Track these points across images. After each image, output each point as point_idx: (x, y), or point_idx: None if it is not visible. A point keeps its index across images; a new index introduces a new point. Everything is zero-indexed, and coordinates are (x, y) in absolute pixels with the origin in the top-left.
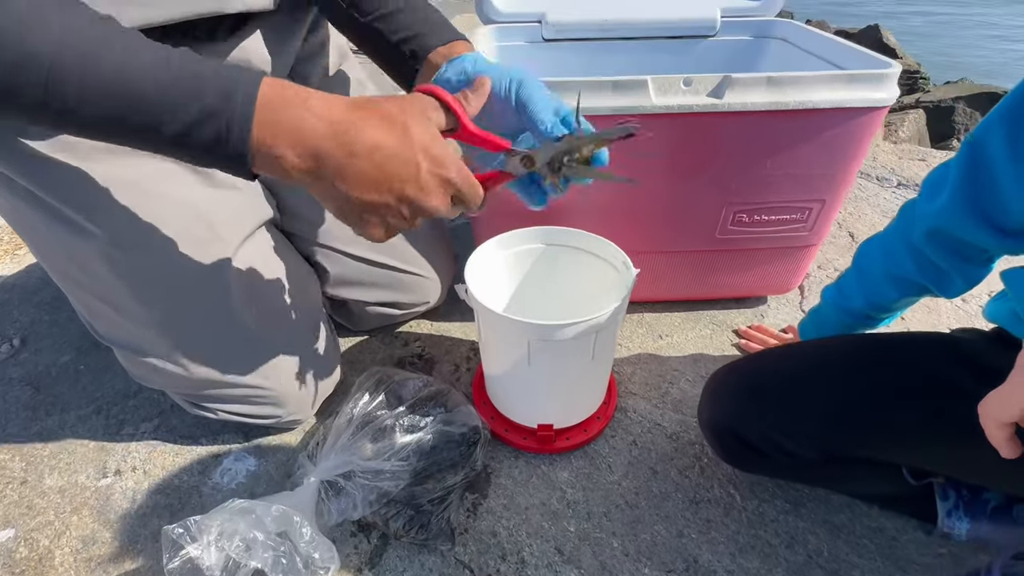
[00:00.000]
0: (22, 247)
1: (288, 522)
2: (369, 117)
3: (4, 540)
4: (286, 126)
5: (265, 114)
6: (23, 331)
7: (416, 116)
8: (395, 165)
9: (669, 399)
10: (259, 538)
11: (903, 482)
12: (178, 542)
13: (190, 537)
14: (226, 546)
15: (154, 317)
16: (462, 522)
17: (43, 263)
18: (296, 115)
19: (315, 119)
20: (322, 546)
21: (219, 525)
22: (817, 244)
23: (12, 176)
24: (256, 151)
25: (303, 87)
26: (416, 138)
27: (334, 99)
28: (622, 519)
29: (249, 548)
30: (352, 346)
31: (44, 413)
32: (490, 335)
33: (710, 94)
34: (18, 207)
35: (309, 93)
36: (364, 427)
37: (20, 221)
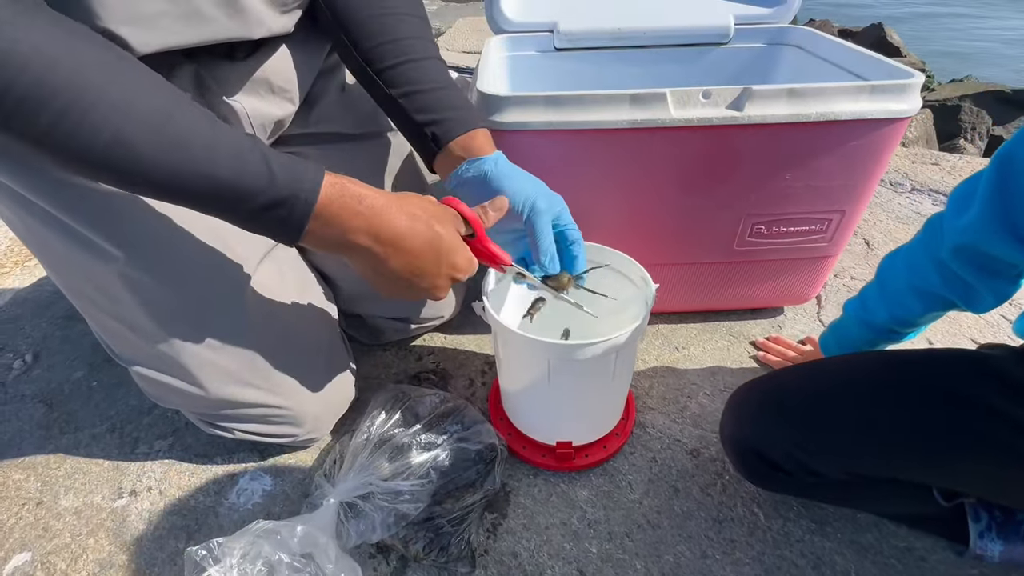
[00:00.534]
0: (32, 259)
1: (313, 543)
2: (413, 226)
3: (21, 564)
4: (338, 223)
5: (323, 209)
6: (35, 346)
7: (448, 227)
8: (424, 267)
9: (688, 414)
10: (284, 559)
11: (933, 503)
12: (200, 564)
13: (212, 559)
14: (248, 570)
15: (171, 339)
16: (482, 543)
17: (58, 283)
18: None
19: (365, 223)
20: (348, 567)
21: (242, 547)
22: (836, 255)
23: (30, 197)
24: (308, 234)
25: (358, 185)
26: (444, 253)
27: (386, 204)
28: (644, 539)
29: (273, 572)
30: (367, 361)
31: (58, 431)
32: (508, 353)
33: (730, 106)
34: (33, 227)
35: (363, 194)
36: (381, 446)
37: (35, 241)
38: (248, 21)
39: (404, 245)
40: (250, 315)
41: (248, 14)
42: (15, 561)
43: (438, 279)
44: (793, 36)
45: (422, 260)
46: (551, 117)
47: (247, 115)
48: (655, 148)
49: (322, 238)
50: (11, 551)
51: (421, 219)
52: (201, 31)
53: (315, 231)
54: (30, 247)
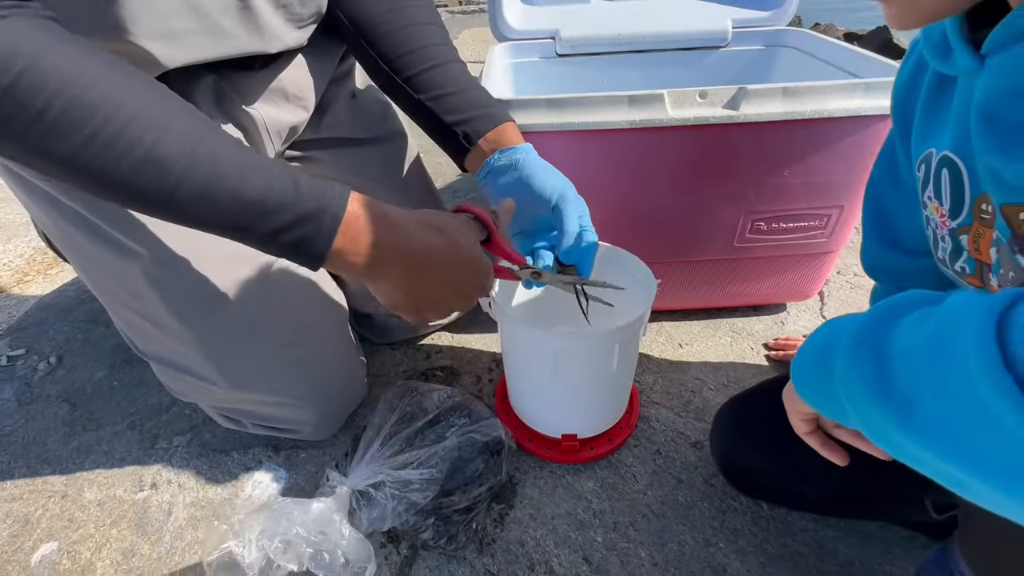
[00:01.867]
0: (53, 267)
1: (328, 521)
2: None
3: (48, 553)
4: (365, 238)
5: (350, 225)
6: (59, 349)
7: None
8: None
9: (692, 408)
10: (301, 534)
11: (925, 514)
12: (222, 538)
13: (232, 533)
14: (266, 545)
15: (192, 334)
16: (490, 532)
17: (86, 280)
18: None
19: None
20: (361, 546)
21: (261, 524)
22: (837, 250)
23: (62, 198)
24: (335, 253)
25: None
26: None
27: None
28: (649, 529)
29: (288, 548)
30: (376, 359)
31: (81, 428)
32: (514, 346)
33: (726, 106)
34: (65, 228)
35: (389, 210)
36: (392, 438)
37: (67, 241)
38: (265, 37)
39: (433, 257)
40: (267, 313)
41: (266, 30)
42: (43, 550)
43: (467, 291)
44: (790, 38)
45: (451, 273)
46: (553, 119)
47: (264, 122)
48: (654, 148)
49: (350, 255)
50: (39, 540)
51: (445, 232)
52: (223, 46)
53: (343, 248)
54: (63, 248)
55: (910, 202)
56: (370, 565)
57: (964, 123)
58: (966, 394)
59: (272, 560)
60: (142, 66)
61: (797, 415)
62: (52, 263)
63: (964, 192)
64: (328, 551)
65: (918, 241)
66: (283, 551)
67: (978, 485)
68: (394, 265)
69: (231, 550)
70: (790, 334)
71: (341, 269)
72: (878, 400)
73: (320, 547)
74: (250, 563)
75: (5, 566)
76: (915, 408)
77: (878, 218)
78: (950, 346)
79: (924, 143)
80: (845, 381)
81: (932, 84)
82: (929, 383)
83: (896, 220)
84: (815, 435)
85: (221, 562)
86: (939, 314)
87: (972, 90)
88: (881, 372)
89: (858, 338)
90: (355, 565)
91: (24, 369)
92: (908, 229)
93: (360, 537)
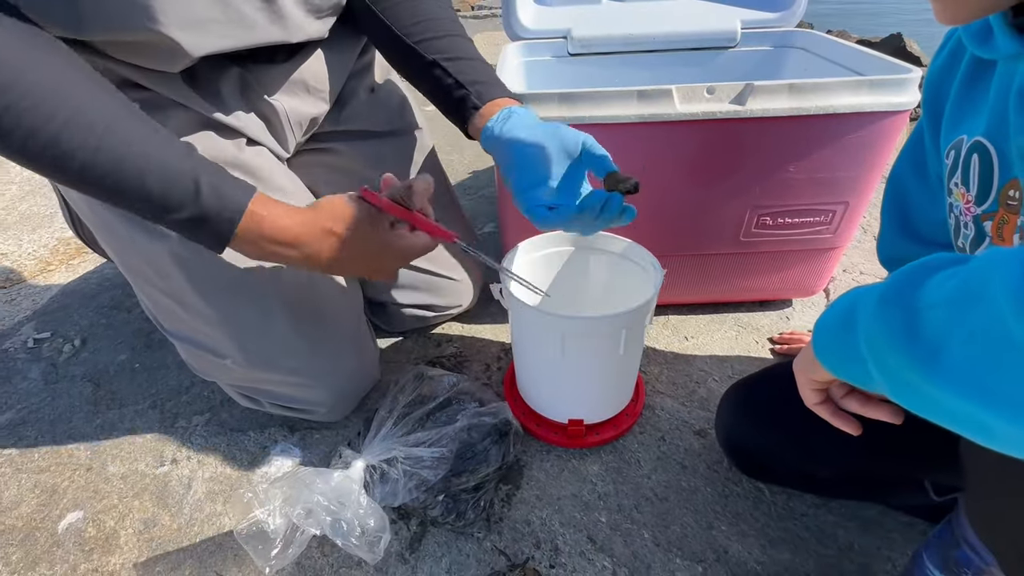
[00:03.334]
0: (76, 257)
1: (347, 491)
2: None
3: (75, 521)
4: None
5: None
6: (83, 333)
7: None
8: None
9: (696, 398)
10: (321, 502)
11: (926, 497)
12: (248, 505)
13: (258, 502)
14: (289, 512)
15: (216, 315)
16: (497, 511)
17: (118, 261)
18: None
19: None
20: (376, 515)
21: (284, 492)
22: (842, 246)
23: None
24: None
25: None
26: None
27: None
28: (652, 511)
29: (310, 514)
30: (388, 347)
31: (105, 407)
32: (523, 331)
33: (733, 101)
34: (100, 212)
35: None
36: (404, 418)
37: (101, 223)
38: (288, 27)
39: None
40: (288, 296)
41: (288, 20)
42: (69, 518)
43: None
44: (799, 39)
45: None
46: (564, 113)
47: (285, 113)
48: (662, 142)
49: (248, 253)
50: (65, 509)
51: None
52: (246, 36)
53: (241, 249)
54: (95, 229)
55: (933, 193)
56: (384, 535)
57: (1001, 107)
58: (997, 335)
59: (297, 526)
60: (169, 55)
61: (809, 384)
62: (75, 253)
63: (993, 178)
64: (346, 520)
65: (938, 231)
66: (304, 518)
67: (1003, 426)
68: (295, 262)
69: (257, 518)
70: (795, 329)
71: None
72: (905, 350)
73: (338, 516)
74: (275, 529)
75: (34, 532)
76: (943, 354)
77: (899, 209)
78: (981, 292)
79: (955, 130)
80: (870, 337)
81: (968, 71)
82: (959, 329)
83: (917, 211)
84: (826, 405)
85: (250, 531)
86: (969, 267)
87: (1013, 74)
88: (909, 323)
89: (885, 296)
90: (371, 534)
91: (50, 351)
92: (929, 220)
93: (376, 507)
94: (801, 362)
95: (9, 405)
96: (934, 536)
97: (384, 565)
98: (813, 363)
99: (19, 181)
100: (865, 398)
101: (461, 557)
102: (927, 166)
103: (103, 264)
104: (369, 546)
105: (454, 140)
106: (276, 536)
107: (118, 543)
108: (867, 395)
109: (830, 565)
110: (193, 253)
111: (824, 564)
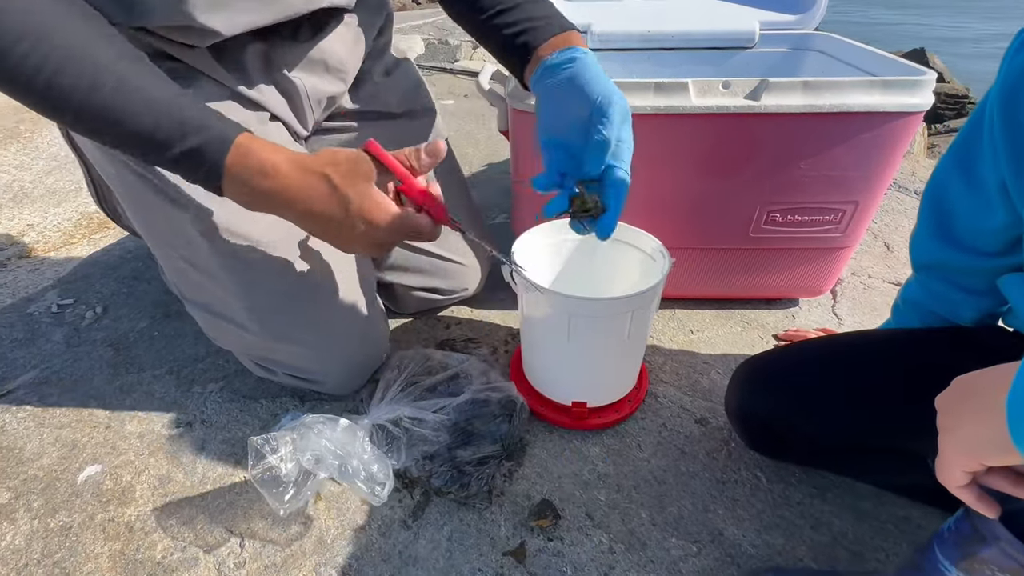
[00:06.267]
0: (98, 232)
1: (353, 436)
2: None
3: (93, 473)
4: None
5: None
6: (104, 301)
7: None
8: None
9: (699, 388)
10: (329, 447)
11: (929, 474)
12: (260, 452)
13: (270, 448)
14: (300, 458)
15: (237, 285)
16: (499, 485)
17: (143, 228)
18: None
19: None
20: (380, 462)
21: (293, 439)
22: (850, 247)
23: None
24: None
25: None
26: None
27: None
28: (650, 493)
29: (319, 461)
30: (397, 328)
31: (124, 371)
32: (531, 311)
33: (747, 96)
34: (130, 180)
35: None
36: (410, 386)
37: (130, 191)
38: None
39: (314, 210)
40: (307, 268)
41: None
42: (88, 471)
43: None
44: (817, 42)
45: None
46: None
47: (306, 90)
48: (677, 134)
49: (240, 196)
50: (84, 463)
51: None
52: (275, 9)
53: (229, 188)
54: (123, 197)
55: (982, 199)
56: (388, 481)
57: None
58: None
59: (308, 472)
60: (200, 33)
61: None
62: (97, 228)
63: None
64: (352, 466)
65: (982, 240)
66: (314, 464)
67: None
68: (283, 210)
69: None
70: (800, 327)
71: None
72: None
73: (345, 461)
74: (287, 474)
75: (54, 482)
76: None
77: (938, 212)
78: None
79: None
80: None
81: None
82: None
83: (958, 216)
84: (972, 487)
85: (263, 479)
86: None
87: None
88: None
89: None
90: (376, 479)
91: (72, 317)
92: (972, 227)
93: (380, 454)
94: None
95: (33, 365)
96: (949, 530)
97: (387, 531)
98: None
99: (46, 157)
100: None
101: (462, 527)
102: (977, 170)
103: (125, 237)
104: (374, 489)
105: (469, 133)
106: (289, 481)
107: (134, 496)
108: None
109: (822, 551)
110: (218, 223)
111: (816, 550)
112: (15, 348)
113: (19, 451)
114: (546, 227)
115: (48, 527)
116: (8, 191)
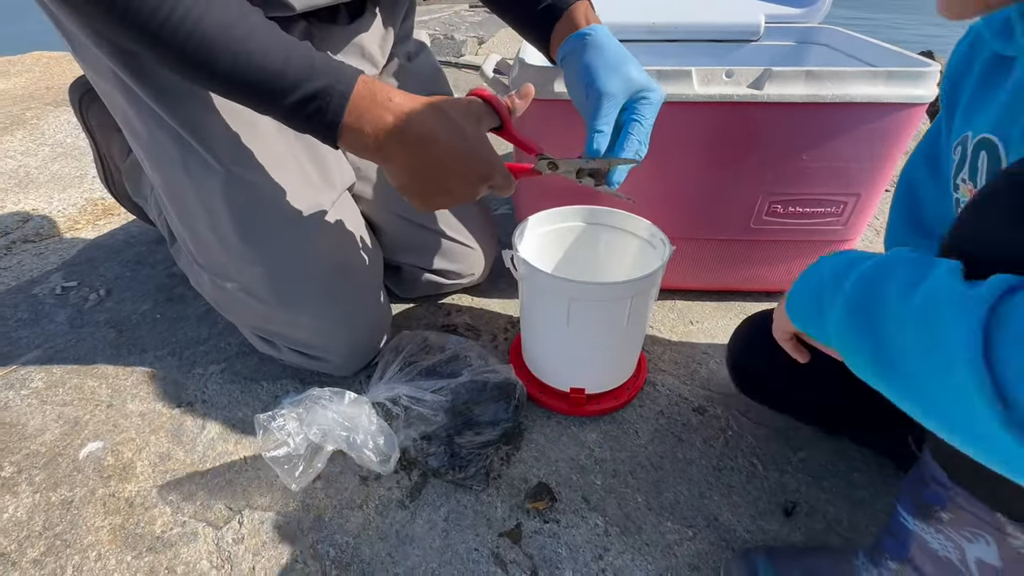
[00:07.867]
0: (102, 218)
1: (359, 409)
2: (441, 124)
3: (95, 450)
4: (370, 118)
5: (356, 104)
6: (108, 284)
7: (472, 121)
8: (451, 162)
9: (697, 377)
10: (336, 419)
11: (906, 447)
12: (266, 426)
13: (277, 425)
14: (306, 431)
15: (257, 256)
16: (496, 468)
17: (166, 191)
18: (380, 111)
19: (393, 119)
20: (385, 433)
21: (299, 414)
22: (852, 240)
23: (162, 114)
24: (344, 132)
25: (391, 89)
26: (470, 140)
27: (414, 104)
28: (647, 478)
29: (326, 435)
30: (399, 312)
31: (127, 351)
32: (532, 297)
33: (751, 85)
34: (160, 139)
35: (392, 93)
36: (409, 366)
37: (158, 150)
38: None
39: (433, 140)
40: (319, 243)
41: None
42: (90, 447)
43: (470, 178)
44: (822, 35)
45: (452, 157)
46: None
47: None
48: (679, 122)
49: (358, 132)
50: (86, 439)
51: (449, 118)
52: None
53: (351, 124)
54: (150, 156)
55: (942, 188)
56: (394, 453)
57: (1016, 103)
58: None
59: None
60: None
61: (782, 331)
62: (101, 214)
63: None
64: (359, 437)
65: (942, 225)
66: (321, 436)
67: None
68: (399, 145)
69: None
70: None
71: (352, 146)
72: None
73: (352, 433)
74: (295, 448)
75: (56, 458)
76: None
77: (909, 202)
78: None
79: (966, 124)
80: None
81: (986, 66)
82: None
83: (927, 205)
84: (790, 342)
85: (275, 457)
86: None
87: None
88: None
89: (851, 304)
90: (382, 451)
91: (76, 299)
92: (938, 215)
93: (385, 427)
94: (780, 319)
95: (37, 344)
96: (904, 484)
97: (384, 510)
98: (786, 320)
99: (52, 143)
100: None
101: (459, 508)
102: (939, 161)
103: (129, 223)
104: (381, 460)
105: None
106: (298, 455)
107: (135, 472)
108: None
109: (816, 537)
110: (241, 192)
111: (811, 535)
112: (20, 328)
113: (22, 427)
114: (547, 214)
115: (50, 501)
116: (14, 177)
